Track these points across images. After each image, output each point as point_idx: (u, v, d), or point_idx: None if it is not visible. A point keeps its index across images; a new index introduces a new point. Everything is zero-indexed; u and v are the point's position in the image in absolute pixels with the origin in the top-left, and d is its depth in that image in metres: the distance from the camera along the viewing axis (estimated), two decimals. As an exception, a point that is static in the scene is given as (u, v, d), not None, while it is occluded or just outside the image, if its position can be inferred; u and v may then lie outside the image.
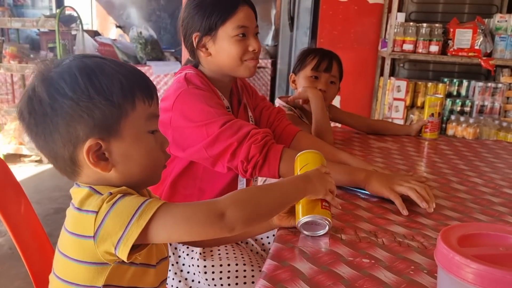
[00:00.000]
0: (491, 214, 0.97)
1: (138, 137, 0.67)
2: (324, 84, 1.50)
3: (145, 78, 0.70)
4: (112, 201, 0.62)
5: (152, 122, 0.70)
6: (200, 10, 1.09)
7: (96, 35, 4.24)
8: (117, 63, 0.68)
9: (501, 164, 1.37)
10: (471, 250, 0.53)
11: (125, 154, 0.67)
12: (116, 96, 0.64)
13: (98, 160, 0.65)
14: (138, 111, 0.66)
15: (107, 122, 0.64)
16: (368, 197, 1.04)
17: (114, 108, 0.64)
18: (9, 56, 3.45)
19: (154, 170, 0.71)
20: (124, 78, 0.66)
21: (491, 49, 2.72)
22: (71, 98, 0.62)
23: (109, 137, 0.65)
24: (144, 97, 0.67)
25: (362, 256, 0.76)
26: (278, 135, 1.26)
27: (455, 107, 2.87)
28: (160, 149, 0.71)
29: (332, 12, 3.02)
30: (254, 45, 1.11)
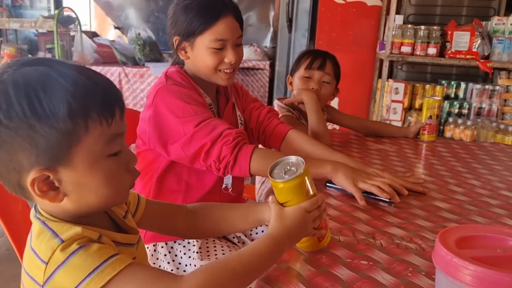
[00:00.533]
0: (489, 216, 0.97)
1: (94, 164, 0.57)
2: (317, 83, 1.50)
3: (105, 91, 0.59)
4: (65, 252, 0.54)
5: (114, 144, 0.59)
6: (183, 14, 1.09)
7: (94, 36, 4.24)
8: (67, 75, 0.56)
9: (498, 166, 1.38)
10: (469, 252, 0.53)
11: (78, 183, 0.57)
12: (63, 122, 0.53)
13: (46, 190, 0.56)
14: (93, 135, 0.56)
15: (53, 151, 0.54)
16: (366, 199, 1.04)
17: (61, 136, 0.54)
18: (7, 57, 3.45)
19: (116, 195, 0.62)
20: (73, 97, 0.54)
21: (488, 52, 2.74)
22: (8, 126, 0.53)
23: (57, 166, 0.56)
24: (101, 118, 0.56)
25: (360, 258, 0.76)
26: (268, 134, 1.24)
27: (453, 109, 2.88)
28: (125, 170, 0.62)
29: (330, 14, 3.03)
30: (230, 58, 1.11)
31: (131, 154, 0.63)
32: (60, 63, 0.58)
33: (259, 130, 1.26)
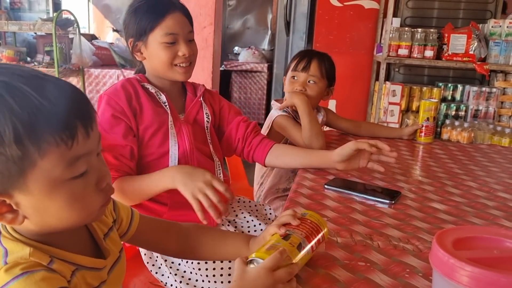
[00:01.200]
0: (486, 218, 0.98)
1: (53, 188, 0.52)
2: (301, 84, 1.52)
3: (64, 110, 0.51)
4: (7, 276, 0.50)
5: (78, 166, 0.53)
6: (133, 17, 1.14)
7: (93, 39, 4.24)
8: (19, 92, 0.49)
9: (495, 168, 1.38)
10: (466, 253, 0.53)
11: (37, 207, 0.53)
12: (9, 148, 0.48)
13: (4, 212, 0.52)
14: (50, 159, 0.50)
15: (4, 179, 0.50)
16: (364, 200, 1.05)
17: (11, 163, 0.49)
18: (6, 59, 3.45)
19: (84, 216, 0.57)
20: (21, 121, 0.48)
21: (485, 54, 2.75)
22: None
23: (12, 190, 0.51)
24: (58, 140, 0.50)
25: (358, 259, 0.76)
26: (254, 146, 1.27)
27: (449, 112, 2.88)
28: (94, 190, 0.56)
29: (328, 17, 3.04)
30: (183, 50, 1.14)
31: (102, 171, 0.57)
32: (17, 74, 0.51)
33: (246, 141, 1.28)
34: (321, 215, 0.95)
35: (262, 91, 4.59)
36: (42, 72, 0.54)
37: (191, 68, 1.19)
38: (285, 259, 0.64)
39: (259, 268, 0.62)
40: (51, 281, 0.52)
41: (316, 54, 1.57)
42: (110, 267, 0.66)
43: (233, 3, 5.11)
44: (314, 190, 1.11)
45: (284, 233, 0.71)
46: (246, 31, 5.15)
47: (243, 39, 5.10)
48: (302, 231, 0.72)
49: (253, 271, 0.62)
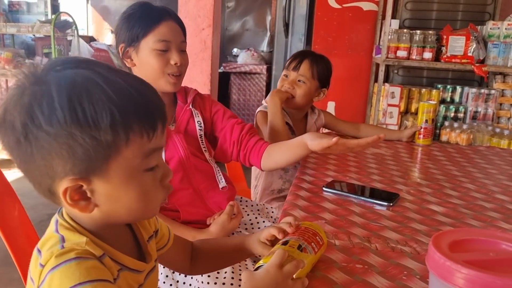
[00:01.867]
0: (484, 220, 0.98)
1: (129, 178, 0.56)
2: (290, 82, 1.56)
3: (150, 103, 0.56)
4: (60, 259, 0.52)
5: (152, 158, 0.57)
6: (126, 22, 1.14)
7: (91, 41, 4.25)
8: (114, 82, 0.53)
9: (493, 170, 1.39)
10: (462, 255, 0.53)
11: (111, 196, 0.56)
12: (104, 133, 0.51)
13: (77, 199, 0.55)
14: (132, 149, 0.54)
15: (90, 162, 0.53)
16: (362, 202, 1.05)
17: (101, 147, 0.52)
18: (4, 62, 3.45)
19: (147, 210, 0.60)
20: (118, 108, 0.52)
21: (484, 56, 2.75)
22: (47, 132, 0.51)
23: (92, 176, 0.54)
24: (143, 131, 0.54)
25: (355, 261, 0.76)
26: (250, 148, 1.24)
27: (448, 113, 2.89)
28: (160, 185, 0.60)
29: (326, 19, 3.04)
30: (175, 59, 1.13)
31: (167, 169, 0.61)
32: (106, 67, 0.56)
33: (241, 143, 1.25)
34: (319, 217, 0.95)
35: (261, 93, 4.59)
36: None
37: (181, 78, 1.18)
38: (288, 259, 0.66)
39: (267, 267, 0.63)
40: (100, 272, 0.53)
41: (310, 55, 1.60)
42: (147, 272, 0.67)
43: (231, 5, 5.11)
44: (312, 192, 1.11)
45: (282, 241, 0.73)
46: (245, 32, 5.15)
47: (242, 41, 5.10)
48: (298, 236, 0.73)
49: (262, 271, 0.63)
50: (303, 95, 1.56)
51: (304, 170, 1.29)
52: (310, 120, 1.69)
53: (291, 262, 0.65)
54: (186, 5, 2.93)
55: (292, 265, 0.64)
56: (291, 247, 0.69)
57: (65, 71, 0.53)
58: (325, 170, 1.30)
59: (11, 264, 0.91)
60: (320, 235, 0.75)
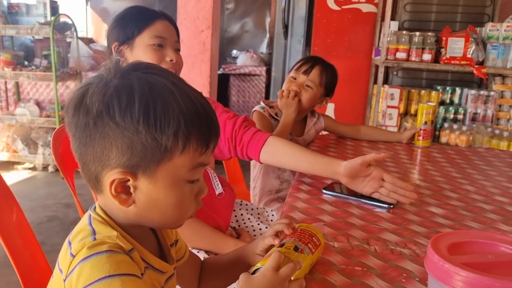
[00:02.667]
0: (483, 222, 0.98)
1: (173, 185, 0.59)
2: (298, 85, 1.55)
3: (210, 122, 0.60)
4: (92, 250, 0.55)
5: (197, 172, 0.61)
6: (120, 22, 1.14)
7: (90, 43, 4.25)
8: (185, 95, 0.58)
9: (492, 172, 1.38)
10: (461, 258, 0.53)
11: (152, 197, 0.59)
12: (166, 138, 0.56)
13: (120, 192, 0.58)
14: (184, 159, 0.58)
15: (144, 161, 0.56)
16: (361, 204, 1.04)
17: (158, 150, 0.56)
18: (3, 63, 3.45)
19: (178, 219, 0.63)
20: (185, 119, 0.56)
21: (483, 58, 2.76)
22: (118, 123, 0.55)
23: (140, 174, 0.57)
24: (198, 145, 0.58)
25: (355, 264, 0.76)
26: (247, 141, 1.17)
27: (448, 115, 2.89)
28: (194, 199, 0.63)
29: (326, 21, 3.05)
30: (171, 55, 1.12)
31: (204, 185, 0.64)
32: (179, 79, 0.60)
33: (236, 138, 1.18)
34: (318, 219, 0.95)
35: (260, 95, 4.60)
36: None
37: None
38: (284, 260, 0.65)
39: (263, 270, 0.63)
40: (129, 266, 0.55)
41: (321, 62, 1.59)
42: (168, 276, 0.67)
43: (231, 7, 5.12)
44: (312, 194, 1.11)
45: (278, 243, 0.72)
46: (244, 34, 5.16)
47: (241, 43, 5.11)
48: (295, 237, 0.72)
49: (258, 275, 0.63)
50: (308, 100, 1.56)
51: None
52: (309, 122, 1.69)
53: (288, 264, 0.64)
54: (185, 7, 2.93)
55: (288, 267, 0.64)
56: (287, 249, 0.69)
57: (147, 75, 0.58)
58: (324, 172, 1.29)
59: (9, 267, 0.90)
60: (317, 236, 0.74)
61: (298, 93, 1.53)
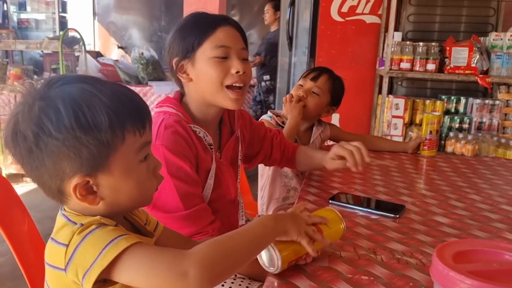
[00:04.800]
0: (489, 231, 0.98)
1: (128, 170, 0.65)
2: (305, 91, 1.58)
3: (138, 105, 0.66)
4: (83, 233, 0.60)
5: (143, 151, 0.67)
6: (179, 34, 1.03)
7: (98, 56, 4.31)
8: (105, 91, 0.62)
9: (499, 181, 1.38)
10: (466, 266, 0.54)
11: (114, 187, 0.65)
12: (104, 134, 0.60)
13: (86, 194, 0.63)
14: (128, 144, 0.63)
15: (95, 160, 0.61)
16: (367, 214, 1.05)
17: (102, 146, 0.61)
18: (13, 78, 3.50)
19: (144, 198, 0.70)
20: (114, 112, 0.61)
21: (487, 67, 2.76)
22: (56, 138, 0.59)
23: (97, 172, 0.63)
24: (135, 129, 0.64)
25: (361, 273, 0.77)
26: (287, 158, 1.34)
27: (453, 124, 2.89)
28: (153, 174, 0.69)
29: (330, 32, 3.07)
30: (237, 66, 0.99)
31: (156, 160, 0.70)
32: (95, 80, 0.65)
33: (282, 157, 1.34)
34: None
35: (266, 105, 4.62)
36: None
37: (243, 93, 1.03)
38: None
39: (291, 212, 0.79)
40: (120, 231, 0.62)
41: (329, 71, 1.64)
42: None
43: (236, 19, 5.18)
44: (318, 204, 1.12)
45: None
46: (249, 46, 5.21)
47: (246, 54, 5.15)
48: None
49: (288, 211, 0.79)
50: (314, 106, 1.59)
51: (309, 182, 1.30)
52: (315, 131, 1.70)
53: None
54: (191, 20, 2.97)
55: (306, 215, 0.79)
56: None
57: (63, 87, 0.62)
58: (330, 182, 1.31)
59: (18, 278, 0.92)
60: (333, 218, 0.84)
61: (303, 99, 1.57)
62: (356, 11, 3.02)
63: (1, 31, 3.73)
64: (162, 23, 5.73)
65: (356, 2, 3.00)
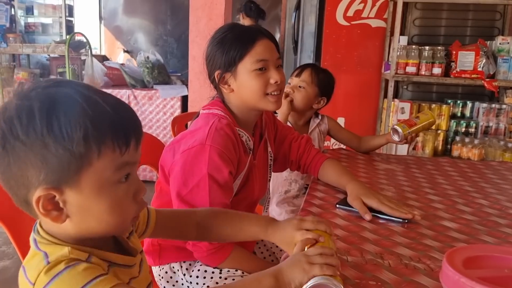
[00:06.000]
0: (498, 236, 0.97)
1: (101, 189, 0.57)
2: (291, 87, 1.70)
3: (123, 121, 0.59)
4: (51, 273, 0.54)
5: (123, 171, 0.59)
6: (220, 47, 1.10)
7: (104, 60, 4.33)
8: (91, 99, 0.56)
9: (506, 185, 1.37)
10: (476, 272, 0.53)
11: (83, 206, 0.57)
12: (77, 145, 0.54)
13: (50, 209, 0.56)
14: (104, 161, 0.56)
15: (62, 172, 0.55)
16: (375, 218, 1.04)
17: (73, 158, 0.54)
18: (20, 81, 3.53)
19: (119, 224, 0.61)
20: (92, 123, 0.55)
21: (494, 71, 2.75)
22: (23, 142, 0.54)
23: (64, 186, 0.56)
24: (115, 145, 0.57)
25: (369, 278, 0.76)
26: (308, 164, 1.32)
27: (459, 128, 2.88)
28: (131, 199, 0.61)
29: (335, 36, 3.07)
30: (275, 77, 1.10)
31: (140, 184, 0.62)
32: (86, 87, 0.59)
33: (300, 161, 1.32)
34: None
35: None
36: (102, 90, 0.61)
37: (281, 95, 1.15)
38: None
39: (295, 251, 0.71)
40: (93, 270, 0.56)
41: (313, 66, 1.75)
42: (139, 265, 0.69)
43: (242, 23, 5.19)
44: (324, 208, 1.11)
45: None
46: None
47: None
48: None
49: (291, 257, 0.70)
50: (302, 99, 1.69)
51: (315, 186, 1.29)
52: (312, 124, 1.76)
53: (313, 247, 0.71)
54: (197, 24, 2.99)
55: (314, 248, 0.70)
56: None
57: (48, 89, 0.57)
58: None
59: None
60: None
61: (290, 94, 1.68)
62: (362, 15, 3.02)
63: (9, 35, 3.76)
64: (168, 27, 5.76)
65: (362, 6, 3.00)
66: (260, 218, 0.86)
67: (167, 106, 3.49)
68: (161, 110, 3.50)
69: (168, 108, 3.49)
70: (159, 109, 3.49)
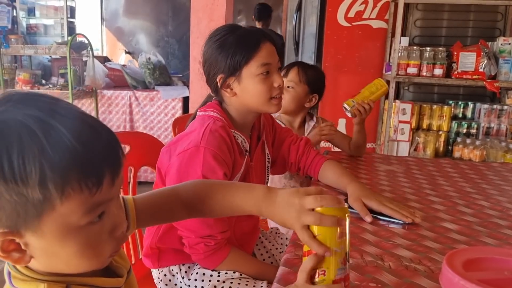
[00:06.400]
0: (499, 238, 0.97)
1: (66, 234, 0.49)
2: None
3: (94, 153, 0.48)
4: None
5: (96, 212, 0.50)
6: (223, 51, 1.08)
7: (106, 61, 4.34)
8: (52, 129, 0.46)
9: (507, 187, 1.37)
10: (476, 274, 0.53)
11: (47, 250, 0.50)
12: (32, 190, 0.45)
13: (11, 250, 0.49)
14: (70, 205, 0.47)
15: (20, 218, 0.47)
16: (375, 220, 1.04)
17: (30, 204, 0.46)
18: (22, 82, 3.54)
19: (93, 264, 0.53)
20: (50, 163, 0.45)
21: (495, 72, 2.75)
22: None
23: (24, 230, 0.48)
24: (82, 186, 0.47)
25: (369, 280, 0.76)
26: (307, 165, 1.30)
27: (461, 129, 2.87)
28: (107, 237, 0.53)
29: (336, 37, 3.07)
30: (278, 81, 1.11)
31: (118, 219, 0.54)
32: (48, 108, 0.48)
33: (299, 163, 1.31)
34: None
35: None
36: (80, 110, 0.51)
37: (281, 98, 1.16)
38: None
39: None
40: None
41: (299, 64, 1.71)
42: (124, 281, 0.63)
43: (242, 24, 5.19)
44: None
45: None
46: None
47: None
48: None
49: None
50: (291, 99, 1.66)
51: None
52: (307, 127, 1.75)
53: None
54: (198, 25, 2.99)
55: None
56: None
57: (7, 112, 0.47)
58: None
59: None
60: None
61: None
62: (363, 16, 3.02)
63: (11, 37, 3.77)
64: (169, 28, 5.77)
65: (363, 7, 3.00)
66: (252, 191, 0.72)
67: (168, 107, 3.49)
68: (162, 111, 3.50)
69: (170, 109, 3.49)
70: (160, 110, 3.50)
